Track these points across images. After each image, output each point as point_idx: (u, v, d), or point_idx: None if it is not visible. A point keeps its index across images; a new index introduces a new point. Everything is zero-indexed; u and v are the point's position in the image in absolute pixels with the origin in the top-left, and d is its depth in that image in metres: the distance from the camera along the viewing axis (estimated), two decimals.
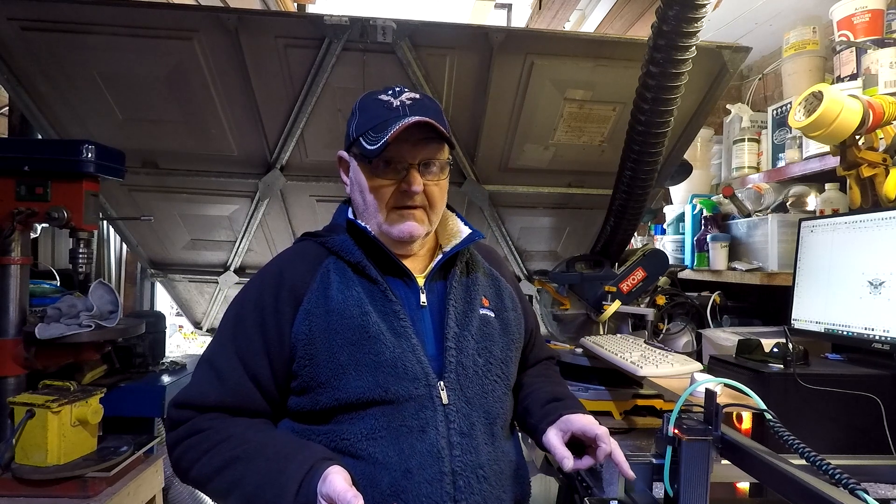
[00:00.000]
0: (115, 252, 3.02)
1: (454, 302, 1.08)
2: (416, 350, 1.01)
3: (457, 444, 0.97)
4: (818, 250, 1.67)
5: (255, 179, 2.29)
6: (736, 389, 0.94)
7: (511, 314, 1.16)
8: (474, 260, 1.18)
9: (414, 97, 1.07)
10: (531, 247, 2.70)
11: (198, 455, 0.95)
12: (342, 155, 1.14)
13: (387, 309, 1.03)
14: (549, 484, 1.93)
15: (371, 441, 0.96)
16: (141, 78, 1.93)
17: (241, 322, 1.03)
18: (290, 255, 1.11)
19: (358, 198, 1.10)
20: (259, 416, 1.02)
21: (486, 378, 1.06)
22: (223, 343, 1.03)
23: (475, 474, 0.97)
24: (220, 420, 0.98)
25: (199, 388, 1.00)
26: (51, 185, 1.69)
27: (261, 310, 1.02)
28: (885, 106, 1.50)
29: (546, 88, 2.03)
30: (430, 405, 0.98)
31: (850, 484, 0.71)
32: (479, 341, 1.07)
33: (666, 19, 1.47)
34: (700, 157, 2.71)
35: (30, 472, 1.55)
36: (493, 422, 1.04)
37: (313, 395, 0.99)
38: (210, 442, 0.95)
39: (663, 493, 0.91)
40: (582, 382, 1.66)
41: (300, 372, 1.00)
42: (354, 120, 1.09)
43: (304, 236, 1.16)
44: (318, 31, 1.81)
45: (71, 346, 1.71)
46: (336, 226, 1.14)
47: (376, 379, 0.97)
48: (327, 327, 0.99)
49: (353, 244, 1.07)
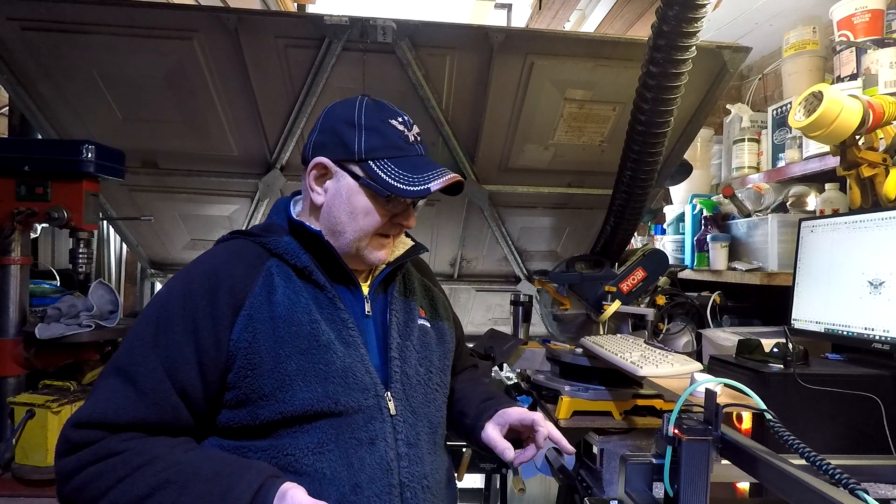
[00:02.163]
0: (115, 252, 3.02)
1: (396, 312, 1.08)
2: (365, 360, 0.98)
3: (404, 455, 0.96)
4: (818, 250, 1.67)
5: (255, 179, 2.29)
6: (736, 389, 0.94)
7: (445, 324, 1.18)
8: (409, 271, 1.18)
9: (419, 133, 1.05)
10: (531, 247, 2.70)
11: (110, 483, 0.82)
12: (326, 163, 1.00)
13: (335, 317, 0.98)
14: (549, 484, 1.93)
15: (318, 455, 0.91)
16: (141, 78, 1.93)
17: (166, 326, 0.91)
18: (224, 255, 0.99)
19: (341, 216, 1.00)
20: (181, 433, 0.91)
21: (429, 387, 1.06)
22: (142, 350, 0.90)
23: (420, 485, 0.97)
24: (138, 441, 0.86)
25: (112, 403, 0.86)
26: (51, 185, 1.69)
27: (191, 313, 0.91)
28: (885, 106, 1.50)
29: (546, 88, 2.03)
30: (380, 416, 0.96)
31: (850, 484, 0.71)
32: (419, 351, 1.07)
33: (666, 19, 1.47)
34: (700, 157, 2.71)
35: (30, 472, 1.55)
36: (436, 431, 1.06)
37: (252, 407, 0.91)
38: (128, 466, 0.83)
39: (663, 493, 0.91)
40: (582, 382, 1.66)
41: (238, 383, 0.91)
42: (359, 135, 0.99)
43: (235, 234, 1.06)
44: (318, 31, 1.82)
45: (71, 346, 1.71)
46: (275, 225, 1.05)
47: (326, 389, 0.92)
48: (273, 335, 0.92)
49: (298, 247, 1.00)
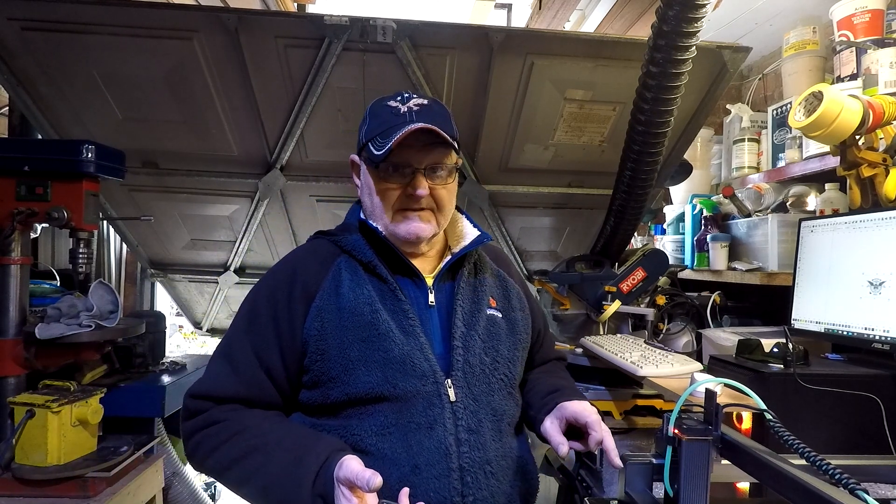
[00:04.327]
0: (115, 252, 3.02)
1: (462, 302, 1.10)
2: (424, 348, 1.03)
3: (464, 440, 0.99)
4: (818, 250, 1.67)
5: (255, 179, 2.29)
6: (736, 389, 0.94)
7: (518, 314, 1.18)
8: (482, 261, 1.21)
9: (422, 103, 1.08)
10: (531, 247, 2.70)
11: (215, 445, 0.97)
12: (353, 158, 1.17)
13: (396, 307, 1.05)
14: (549, 484, 1.93)
15: (380, 437, 0.98)
16: (141, 78, 1.93)
17: (255, 316, 1.06)
18: (303, 253, 1.13)
19: (367, 200, 1.12)
20: (272, 408, 1.05)
21: (493, 377, 1.08)
22: (238, 336, 1.05)
23: (483, 470, 0.99)
24: (236, 411, 1.00)
25: (216, 379, 1.03)
26: (51, 185, 1.69)
27: (274, 305, 1.05)
28: (885, 106, 1.50)
29: (546, 88, 2.03)
30: (438, 402, 1.00)
31: (850, 484, 0.71)
32: (485, 341, 1.09)
33: (666, 19, 1.46)
34: (700, 157, 2.71)
35: (30, 472, 1.55)
36: (500, 419, 1.06)
37: (324, 389, 1.01)
38: (227, 432, 0.97)
39: (663, 493, 0.91)
40: (582, 382, 1.66)
41: (311, 367, 1.02)
42: (365, 125, 1.11)
43: (318, 234, 1.18)
44: (318, 31, 1.81)
45: (71, 346, 1.71)
46: (349, 225, 1.16)
47: (385, 375, 0.99)
48: (339, 324, 1.02)
49: (364, 244, 1.10)
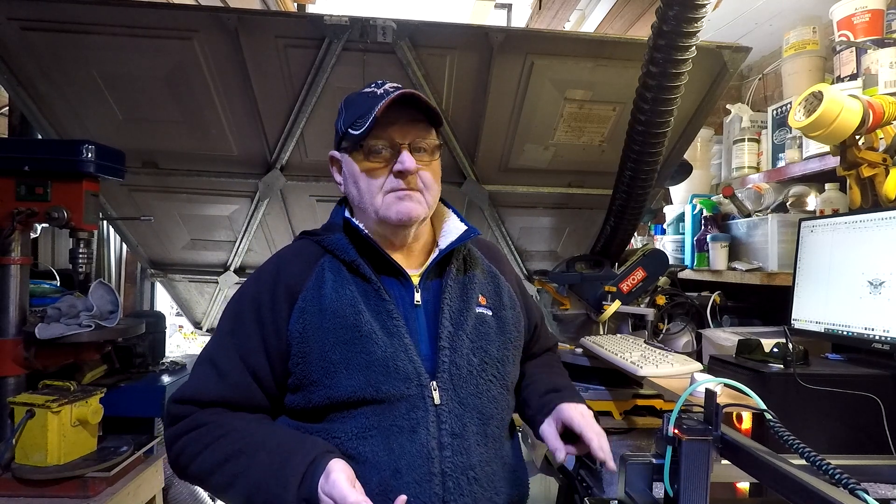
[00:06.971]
0: (115, 252, 3.02)
1: (449, 300, 1.07)
2: (409, 349, 1.00)
3: (447, 444, 0.97)
4: (818, 250, 1.67)
5: (255, 179, 2.29)
6: (736, 389, 0.94)
7: (509, 312, 1.14)
8: (472, 257, 1.17)
9: (396, 85, 1.07)
10: (531, 247, 2.70)
11: (198, 449, 0.96)
12: (333, 154, 1.14)
13: (380, 308, 1.03)
14: (549, 484, 1.93)
15: (361, 440, 0.96)
16: (141, 78, 1.93)
17: (239, 319, 1.04)
18: (287, 254, 1.12)
19: (353, 190, 1.09)
20: (259, 411, 1.03)
21: (481, 378, 1.05)
22: (222, 339, 1.04)
23: (465, 475, 0.97)
24: (221, 415, 0.99)
25: (200, 383, 1.01)
26: (51, 185, 1.69)
27: (258, 307, 1.03)
28: (885, 106, 1.50)
29: (546, 88, 2.03)
30: (422, 405, 0.98)
31: (850, 484, 0.71)
32: (474, 340, 1.06)
33: (666, 19, 1.46)
34: (700, 157, 2.71)
35: (30, 472, 1.55)
36: (487, 423, 1.03)
37: (306, 392, 1.00)
38: (211, 436, 0.96)
39: (663, 493, 0.91)
40: (582, 382, 1.66)
41: (294, 369, 1.01)
42: (341, 117, 1.10)
43: (302, 234, 1.16)
44: (318, 31, 1.81)
45: (71, 346, 1.71)
46: (333, 224, 1.14)
47: (367, 378, 0.97)
48: (320, 326, 1.00)
49: (347, 243, 1.07)
